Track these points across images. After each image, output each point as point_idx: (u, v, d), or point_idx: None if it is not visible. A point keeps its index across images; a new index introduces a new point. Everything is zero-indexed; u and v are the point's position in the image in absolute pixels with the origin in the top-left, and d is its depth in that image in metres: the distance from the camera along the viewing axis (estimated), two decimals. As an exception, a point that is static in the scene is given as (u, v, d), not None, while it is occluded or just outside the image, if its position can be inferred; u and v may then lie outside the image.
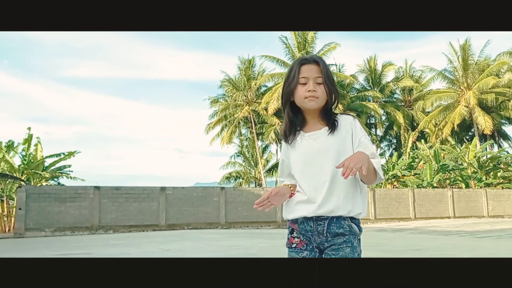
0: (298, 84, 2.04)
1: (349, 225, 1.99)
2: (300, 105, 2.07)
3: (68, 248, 11.52)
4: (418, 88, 42.69)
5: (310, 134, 2.07)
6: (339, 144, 2.01)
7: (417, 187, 26.39)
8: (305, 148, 2.05)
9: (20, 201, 17.09)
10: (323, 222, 1.98)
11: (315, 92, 2.03)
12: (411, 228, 18.68)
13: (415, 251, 9.38)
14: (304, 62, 2.08)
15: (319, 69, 2.06)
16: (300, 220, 2.02)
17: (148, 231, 18.63)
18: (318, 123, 2.09)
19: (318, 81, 2.04)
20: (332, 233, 1.96)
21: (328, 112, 2.09)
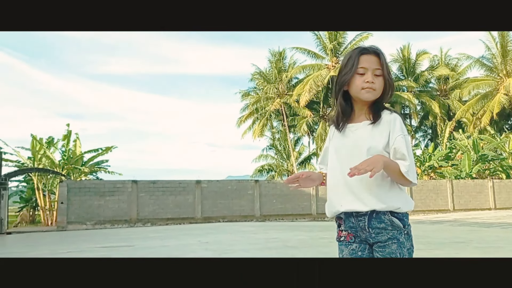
0: (356, 74, 1.98)
1: (389, 219, 1.91)
2: (355, 95, 2.01)
3: (109, 240, 11.82)
4: (454, 76, 41.46)
5: (351, 126, 2.03)
6: (374, 139, 1.94)
7: (455, 178, 25.73)
8: (343, 140, 2.02)
9: (61, 195, 17.64)
10: (363, 218, 1.93)
11: (373, 84, 1.97)
12: (451, 220, 18.25)
13: (457, 243, 9.15)
14: (364, 52, 2.01)
15: (379, 61, 1.99)
16: (342, 216, 1.99)
17: (184, 223, 18.91)
18: (363, 115, 2.03)
19: (376, 73, 1.98)
20: (375, 228, 1.91)
21: (378, 106, 2.02)
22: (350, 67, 1.99)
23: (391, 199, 1.92)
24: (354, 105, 2.04)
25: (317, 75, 37.46)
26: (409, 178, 1.86)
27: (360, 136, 1.97)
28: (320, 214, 20.98)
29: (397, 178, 1.90)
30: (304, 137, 44.19)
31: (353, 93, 2.00)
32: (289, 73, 40.63)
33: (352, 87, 2.00)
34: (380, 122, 1.97)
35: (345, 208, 1.95)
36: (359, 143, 1.95)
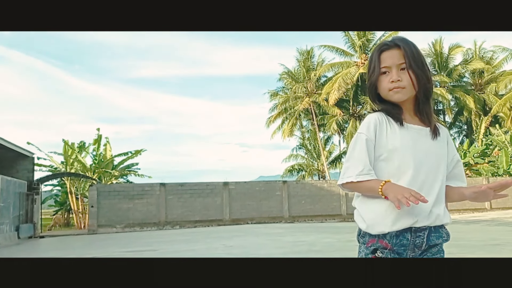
0: (380, 75, 1.76)
1: (447, 232, 1.78)
2: (386, 98, 1.78)
3: (136, 244, 11.88)
4: (490, 70, 40.01)
5: (417, 129, 1.76)
6: (446, 153, 1.80)
7: (492, 175, 24.77)
8: (413, 142, 1.72)
9: (92, 199, 17.94)
10: (423, 233, 1.69)
11: (400, 81, 1.73)
12: (487, 220, 17.54)
13: (493, 246, 8.70)
14: (384, 48, 1.78)
15: (402, 53, 1.75)
16: (393, 233, 1.68)
17: (213, 226, 18.90)
18: (415, 116, 1.79)
19: (402, 67, 1.74)
20: (431, 245, 1.71)
21: (425, 105, 1.79)
22: (373, 69, 1.78)
23: (447, 211, 1.79)
24: (399, 105, 1.78)
25: (346, 73, 36.92)
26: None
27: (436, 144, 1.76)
28: (350, 215, 20.57)
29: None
30: (334, 136, 43.64)
31: (384, 96, 1.78)
32: (317, 72, 40.19)
33: (381, 90, 1.78)
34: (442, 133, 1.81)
35: (420, 224, 1.67)
36: (440, 152, 1.77)
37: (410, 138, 1.73)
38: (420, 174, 1.69)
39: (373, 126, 1.75)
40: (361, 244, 1.78)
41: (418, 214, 1.68)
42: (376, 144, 1.74)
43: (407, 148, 1.71)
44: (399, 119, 1.75)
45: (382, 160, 1.73)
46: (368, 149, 1.74)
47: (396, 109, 1.78)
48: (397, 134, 1.73)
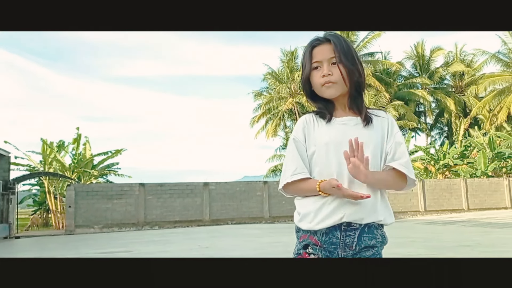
0: (312, 71, 1.74)
1: (382, 234, 1.70)
2: (320, 94, 1.76)
3: (111, 245, 11.76)
4: (470, 72, 40.62)
5: (343, 120, 1.74)
6: (378, 141, 1.71)
7: (470, 176, 25.13)
8: (338, 136, 1.69)
9: (69, 199, 17.71)
10: (353, 233, 1.66)
11: (331, 76, 1.71)
12: (464, 221, 17.78)
13: (463, 247, 8.82)
14: (316, 43, 1.76)
15: (332, 48, 1.73)
16: (323, 231, 1.67)
17: (192, 226, 18.82)
18: (347, 109, 1.78)
19: (333, 61, 1.72)
20: (363, 246, 1.66)
21: (357, 100, 1.78)
22: (305, 64, 1.76)
23: (389, 211, 1.73)
24: (332, 100, 1.77)
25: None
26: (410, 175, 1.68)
27: (364, 135, 1.68)
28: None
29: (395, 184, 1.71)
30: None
31: (317, 92, 1.76)
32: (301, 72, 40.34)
33: (314, 86, 1.76)
34: (377, 121, 1.76)
35: (347, 219, 1.63)
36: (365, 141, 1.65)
37: (336, 131, 1.71)
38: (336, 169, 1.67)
39: (301, 128, 1.77)
40: (296, 239, 1.77)
41: (340, 211, 1.65)
42: (306, 144, 1.75)
43: (333, 143, 1.69)
44: (325, 117, 1.74)
45: (313, 157, 1.73)
46: (299, 150, 1.75)
47: (327, 107, 1.77)
48: (324, 131, 1.73)
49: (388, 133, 1.75)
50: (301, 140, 1.75)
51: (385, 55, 41.17)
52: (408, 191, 22.09)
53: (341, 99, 1.77)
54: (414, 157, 28.59)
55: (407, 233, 13.00)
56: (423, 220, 19.10)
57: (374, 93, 35.77)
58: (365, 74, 1.83)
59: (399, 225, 17.59)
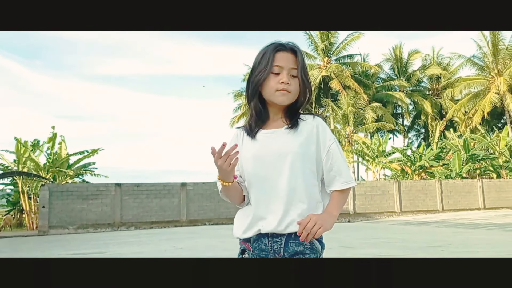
0: (271, 74, 1.74)
1: (310, 241, 1.71)
2: (268, 98, 1.77)
3: (84, 247, 11.59)
4: (446, 75, 41.40)
5: (268, 132, 1.77)
6: (301, 147, 1.71)
7: (445, 178, 25.58)
8: (260, 149, 1.74)
9: (43, 199, 17.39)
10: (280, 239, 1.69)
11: (289, 85, 1.73)
12: (438, 221, 18.09)
13: (435, 247, 8.97)
14: (280, 48, 1.77)
15: (296, 60, 1.76)
16: (254, 238, 1.73)
17: (169, 227, 18.69)
18: (280, 121, 1.79)
19: (292, 73, 1.75)
20: (291, 252, 1.69)
21: (295, 112, 1.79)
22: (265, 64, 1.74)
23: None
24: (269, 108, 1.80)
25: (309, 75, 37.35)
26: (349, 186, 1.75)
27: (284, 143, 1.72)
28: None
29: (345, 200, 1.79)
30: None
31: (266, 95, 1.76)
32: (281, 73, 40.46)
33: (266, 89, 1.75)
34: (303, 127, 1.75)
35: (267, 229, 1.68)
36: (286, 151, 1.71)
37: (259, 145, 1.75)
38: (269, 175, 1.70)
39: (233, 142, 1.80)
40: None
41: (262, 221, 1.69)
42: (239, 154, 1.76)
43: (256, 156, 1.73)
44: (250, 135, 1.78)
45: (243, 170, 1.77)
46: None
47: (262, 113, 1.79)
48: (250, 146, 1.77)
49: (321, 138, 1.76)
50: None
51: (364, 57, 41.64)
52: (385, 192, 22.39)
53: (280, 108, 1.79)
54: (391, 158, 28.95)
55: (382, 234, 13.16)
56: (399, 221, 19.36)
57: (352, 95, 36.13)
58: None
59: (374, 225, 17.79)
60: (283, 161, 1.69)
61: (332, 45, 38.63)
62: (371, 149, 29.31)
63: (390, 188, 22.51)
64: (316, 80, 37.41)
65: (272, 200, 1.69)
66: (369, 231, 14.44)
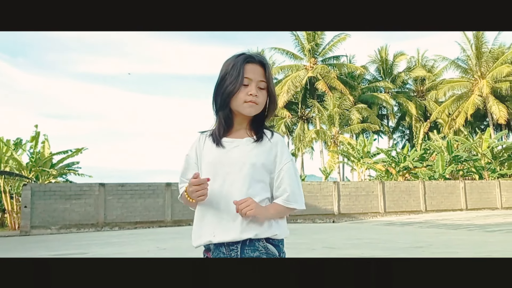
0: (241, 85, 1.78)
1: (264, 246, 1.74)
2: (235, 108, 1.80)
3: (67, 247, 11.47)
4: (431, 78, 41.93)
5: (229, 141, 1.81)
6: (257, 159, 1.76)
7: (429, 179, 25.88)
8: (218, 157, 1.78)
9: (25, 199, 17.16)
10: (236, 247, 1.73)
11: (257, 97, 1.78)
12: (421, 222, 18.30)
13: (416, 248, 9.07)
14: (250, 60, 1.80)
15: (264, 73, 1.80)
16: (212, 247, 1.76)
17: (154, 227, 18.59)
18: (243, 131, 1.84)
19: (260, 85, 1.79)
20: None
21: (260, 124, 1.84)
22: (236, 76, 1.77)
23: (270, 225, 1.77)
24: (234, 118, 1.83)
25: (295, 76, 37.50)
26: (293, 207, 1.79)
27: (242, 154, 1.76)
28: (292, 216, 20.89)
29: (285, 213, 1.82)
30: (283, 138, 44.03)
31: (234, 106, 1.79)
32: (267, 74, 40.51)
33: (234, 99, 1.78)
34: (265, 141, 1.80)
35: (218, 239, 1.72)
36: (242, 162, 1.75)
37: (217, 153, 1.79)
38: (223, 185, 1.74)
39: (195, 146, 1.88)
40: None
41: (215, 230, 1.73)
42: (198, 161, 1.85)
43: (213, 163, 1.78)
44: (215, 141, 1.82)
45: (201, 173, 1.79)
46: (189, 165, 1.87)
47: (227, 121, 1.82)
48: (209, 151, 1.81)
49: (278, 156, 1.80)
50: (193, 157, 1.87)
51: (350, 58, 41.95)
52: (369, 193, 22.57)
53: (245, 118, 1.84)
54: (376, 159, 29.20)
55: (365, 234, 13.27)
56: (383, 221, 19.54)
57: (338, 96, 36.35)
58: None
59: (358, 226, 17.92)
60: (240, 171, 1.74)
61: (318, 46, 38.83)
62: (356, 150, 29.52)
63: (374, 189, 22.70)
64: (302, 81, 37.56)
65: (225, 208, 1.74)
66: (353, 232, 14.55)
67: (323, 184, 22.53)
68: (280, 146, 1.81)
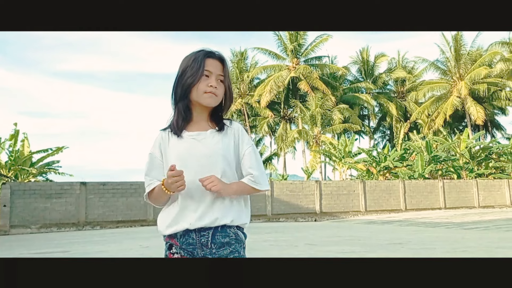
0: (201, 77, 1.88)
1: (235, 232, 1.86)
2: (196, 99, 1.89)
3: (48, 246, 11.38)
4: (411, 79, 42.58)
5: (194, 134, 1.89)
6: (225, 149, 1.87)
7: (409, 178, 26.31)
8: (186, 150, 1.86)
9: (4, 198, 16.92)
10: (207, 233, 1.82)
11: (216, 89, 1.89)
12: (401, 220, 18.62)
13: (395, 245, 9.27)
14: (210, 55, 1.92)
15: (223, 68, 1.94)
16: (180, 233, 1.84)
17: (136, 226, 18.51)
18: (205, 123, 1.93)
19: (220, 79, 1.92)
20: (218, 244, 1.82)
21: (219, 115, 1.96)
22: (197, 69, 1.88)
23: (241, 213, 1.89)
24: (193, 110, 1.93)
25: (278, 76, 37.67)
26: (258, 188, 1.87)
27: (211, 146, 1.86)
28: (274, 215, 21.00)
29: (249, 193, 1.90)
30: (266, 137, 44.24)
31: (194, 96, 1.89)
32: (250, 73, 40.64)
33: (194, 91, 1.88)
34: (226, 130, 1.92)
35: (195, 225, 1.81)
36: (212, 153, 1.85)
37: (185, 146, 1.87)
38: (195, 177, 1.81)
39: (158, 144, 1.94)
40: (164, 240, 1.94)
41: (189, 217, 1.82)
42: (163, 158, 1.92)
43: (182, 156, 1.86)
44: (177, 133, 1.90)
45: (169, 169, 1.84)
46: (154, 163, 1.93)
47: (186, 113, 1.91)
48: (175, 146, 1.89)
49: (239, 143, 1.91)
50: (158, 155, 1.93)
51: (332, 59, 42.31)
52: (350, 192, 22.85)
53: (204, 110, 1.94)
54: (357, 159, 29.54)
55: (346, 232, 13.47)
56: (363, 220, 19.82)
57: (320, 96, 36.65)
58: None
59: (339, 224, 18.16)
60: (209, 162, 1.84)
61: (301, 47, 39.09)
62: (338, 150, 29.83)
63: (356, 188, 22.99)
64: (285, 81, 37.77)
65: (198, 197, 1.83)
66: (334, 230, 14.74)
67: (305, 183, 22.72)
68: (241, 133, 1.93)
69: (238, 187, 1.86)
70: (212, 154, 1.85)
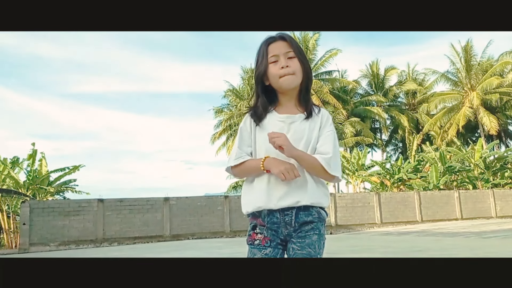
0: (270, 65, 1.92)
1: (317, 211, 1.93)
2: (276, 86, 1.94)
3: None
4: (422, 91, 42.54)
5: (284, 117, 1.95)
6: (310, 135, 1.92)
7: (423, 189, 26.15)
8: (279, 131, 1.89)
9: (23, 216, 17.17)
10: (291, 212, 1.88)
11: (289, 67, 1.90)
12: (418, 231, 18.48)
13: (415, 252, 9.27)
14: (271, 40, 1.95)
15: (288, 44, 1.93)
16: (265, 213, 1.90)
17: (153, 242, 18.62)
18: (294, 107, 1.98)
19: (289, 55, 1.92)
20: (301, 222, 1.89)
21: (306, 95, 1.99)
22: (261, 58, 1.94)
23: (323, 195, 1.94)
24: (281, 97, 1.98)
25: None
26: (330, 171, 1.85)
27: (298, 129, 1.92)
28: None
29: (317, 173, 1.88)
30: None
31: (274, 84, 1.94)
32: (261, 90, 40.90)
33: (271, 79, 1.93)
34: (314, 117, 1.96)
35: (278, 205, 1.86)
36: (299, 137, 1.90)
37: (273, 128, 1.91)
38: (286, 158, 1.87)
39: (249, 121, 1.98)
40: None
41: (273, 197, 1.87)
42: (252, 134, 1.97)
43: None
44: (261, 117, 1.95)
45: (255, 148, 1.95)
46: (243, 137, 1.98)
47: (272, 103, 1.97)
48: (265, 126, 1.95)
49: (321, 127, 1.95)
50: (248, 130, 1.97)
51: (342, 73, 42.49)
52: (365, 204, 22.76)
53: (291, 93, 1.97)
54: (371, 172, 29.46)
55: (364, 243, 13.44)
56: (380, 232, 19.70)
57: (332, 110, 36.76)
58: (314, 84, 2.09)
59: (356, 236, 18.08)
60: (296, 144, 1.87)
61: (310, 62, 39.38)
62: (351, 163, 29.80)
63: (371, 200, 22.91)
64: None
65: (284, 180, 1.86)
66: (351, 241, 14.71)
67: (319, 197, 22.68)
68: (326, 119, 1.97)
69: (305, 156, 1.86)
70: (297, 138, 1.90)
